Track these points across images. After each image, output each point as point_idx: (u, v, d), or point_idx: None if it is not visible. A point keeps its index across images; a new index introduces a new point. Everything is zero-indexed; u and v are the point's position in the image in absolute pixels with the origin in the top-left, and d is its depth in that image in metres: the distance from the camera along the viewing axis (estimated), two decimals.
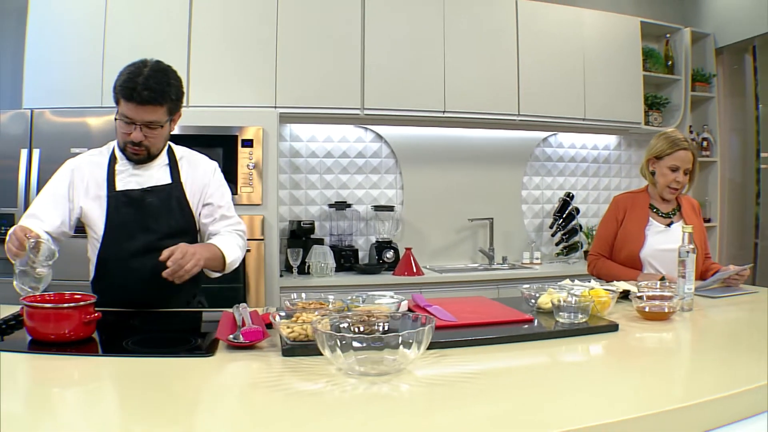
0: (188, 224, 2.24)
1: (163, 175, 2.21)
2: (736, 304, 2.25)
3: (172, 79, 2.07)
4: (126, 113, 2.02)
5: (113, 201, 2.13)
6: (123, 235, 2.13)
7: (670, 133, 2.81)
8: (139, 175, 2.18)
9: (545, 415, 1.10)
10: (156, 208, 2.16)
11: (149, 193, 2.16)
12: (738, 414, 1.21)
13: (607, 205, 5.18)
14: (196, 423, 1.08)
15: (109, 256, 2.14)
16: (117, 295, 2.08)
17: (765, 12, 4.71)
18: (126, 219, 2.13)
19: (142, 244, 2.13)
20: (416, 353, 1.25)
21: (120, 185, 2.15)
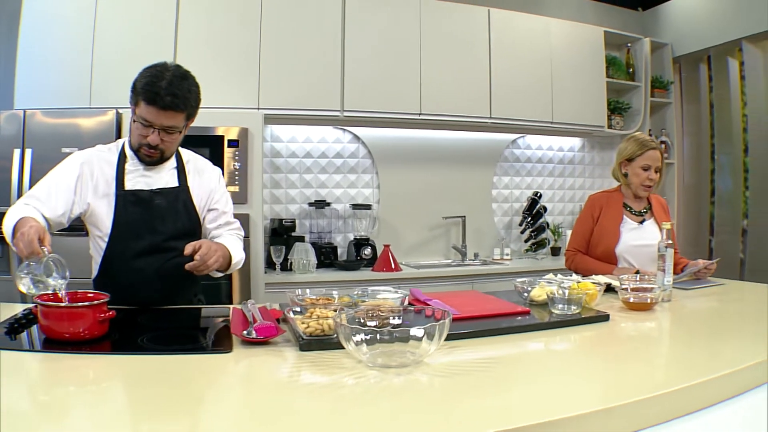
0: (194, 227, 2.22)
1: (171, 178, 2.19)
2: (707, 295, 2.35)
3: (192, 86, 2.03)
4: (145, 116, 1.98)
5: (122, 200, 2.09)
6: (130, 234, 2.09)
7: (638, 136, 2.90)
8: (148, 176, 2.14)
9: (566, 399, 1.14)
10: (163, 210, 2.13)
11: (158, 194, 2.13)
12: (730, 391, 1.29)
13: (571, 203, 5.38)
14: (227, 418, 1.06)
15: (115, 254, 2.09)
16: (121, 293, 2.00)
17: (719, 25, 4.87)
18: (134, 219, 2.09)
19: (148, 244, 2.10)
20: (435, 346, 1.28)
21: (129, 185, 2.11)
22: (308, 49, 4.07)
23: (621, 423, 1.09)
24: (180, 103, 1.97)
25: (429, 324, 1.25)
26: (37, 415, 1.05)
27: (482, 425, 0.98)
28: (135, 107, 2.01)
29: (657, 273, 2.17)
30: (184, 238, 2.11)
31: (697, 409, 1.21)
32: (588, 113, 4.96)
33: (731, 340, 1.67)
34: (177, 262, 2.10)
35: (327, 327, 1.47)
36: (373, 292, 1.89)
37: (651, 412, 1.13)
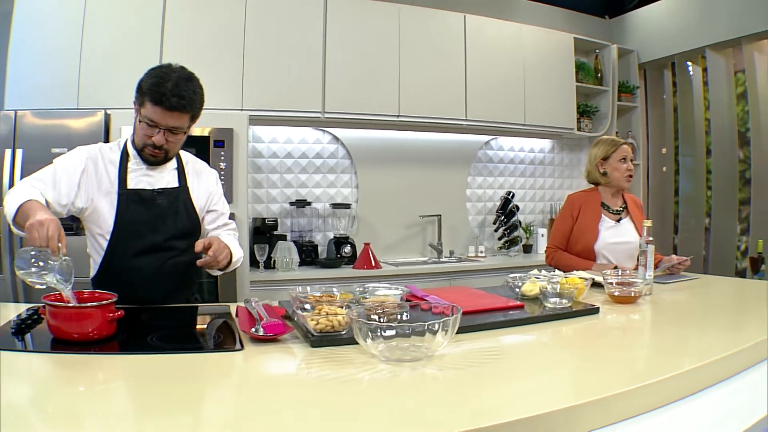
0: (194, 227, 2.20)
1: (172, 179, 2.17)
2: (684, 288, 2.43)
3: (197, 88, 2.02)
4: (151, 117, 1.96)
5: (124, 199, 2.05)
6: (132, 233, 2.06)
7: (606, 137, 3.03)
8: (150, 176, 2.12)
9: (580, 385, 1.20)
10: (165, 210, 2.12)
11: (160, 194, 2.11)
12: (725, 373, 1.37)
13: (542, 203, 5.47)
14: (251, 415, 1.04)
15: (116, 253, 2.06)
16: (121, 291, 1.91)
17: (683, 33, 5.01)
18: (136, 218, 2.06)
19: (150, 243, 2.08)
20: (446, 339, 1.30)
21: (132, 184, 2.08)
22: (291, 52, 4.07)
23: (640, 403, 1.15)
24: (186, 105, 1.96)
25: (443, 319, 1.27)
26: (48, 416, 1.01)
27: (502, 413, 1.00)
28: (140, 107, 1.99)
29: (639, 268, 2.23)
30: (185, 237, 2.13)
31: (700, 389, 1.28)
32: (559, 116, 5.06)
33: (715, 328, 1.77)
34: (177, 261, 2.12)
35: (337, 323, 1.48)
36: (372, 289, 1.90)
37: (663, 394, 1.19)
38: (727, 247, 4.81)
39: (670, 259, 2.69)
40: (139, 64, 3.58)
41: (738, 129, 4.79)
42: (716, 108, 4.87)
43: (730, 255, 4.80)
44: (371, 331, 1.28)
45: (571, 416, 1.05)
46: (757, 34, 4.40)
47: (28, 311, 1.75)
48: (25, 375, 1.23)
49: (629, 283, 2.07)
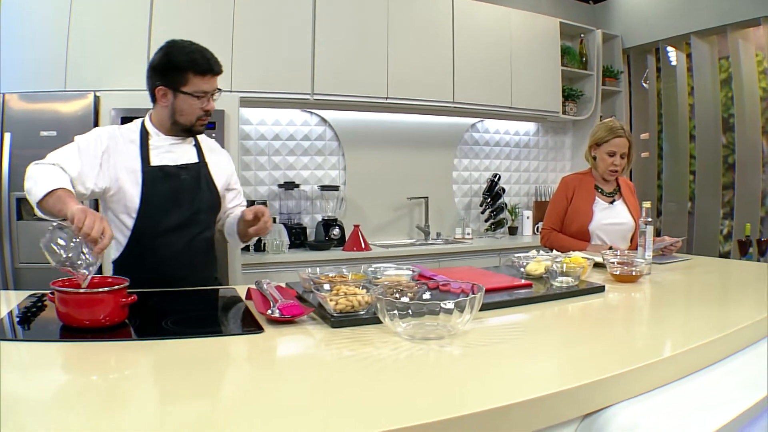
0: (215, 202, 2.22)
1: (192, 154, 2.18)
2: (679, 268, 2.47)
3: (214, 56, 2.08)
4: (201, 87, 2.00)
5: (149, 176, 2.04)
6: (158, 210, 2.05)
7: (608, 123, 2.98)
8: (173, 152, 2.11)
9: (603, 360, 1.21)
10: (189, 184, 2.12)
11: (183, 169, 2.11)
12: (732, 349, 1.41)
13: (527, 185, 5.51)
14: (288, 395, 1.03)
15: (144, 231, 2.04)
16: (146, 271, 1.99)
17: (667, 20, 5.07)
18: (162, 194, 2.05)
19: (177, 220, 2.08)
20: (469, 317, 1.31)
21: (155, 161, 2.07)
22: (280, 34, 4.02)
23: (663, 375, 1.19)
24: (219, 66, 2.06)
25: (470, 297, 1.27)
26: (69, 407, 0.96)
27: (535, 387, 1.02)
28: (182, 86, 1.99)
29: (638, 248, 2.27)
30: (208, 212, 2.18)
31: (718, 360, 1.34)
32: (544, 99, 5.10)
33: (720, 306, 1.84)
34: (203, 236, 2.16)
35: (357, 303, 1.48)
36: (382, 269, 1.90)
37: (685, 365, 1.24)
38: (710, 230, 4.91)
39: (662, 240, 2.73)
40: (128, 45, 3.59)
41: (722, 114, 4.87)
42: (700, 94, 4.95)
43: (713, 238, 4.89)
44: (398, 309, 1.28)
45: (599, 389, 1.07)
46: (743, 22, 4.47)
47: (31, 298, 1.71)
48: (36, 365, 1.18)
49: (630, 262, 2.10)
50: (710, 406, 1.08)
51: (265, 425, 0.88)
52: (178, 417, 0.91)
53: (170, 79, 2.00)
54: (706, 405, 1.09)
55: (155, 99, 2.07)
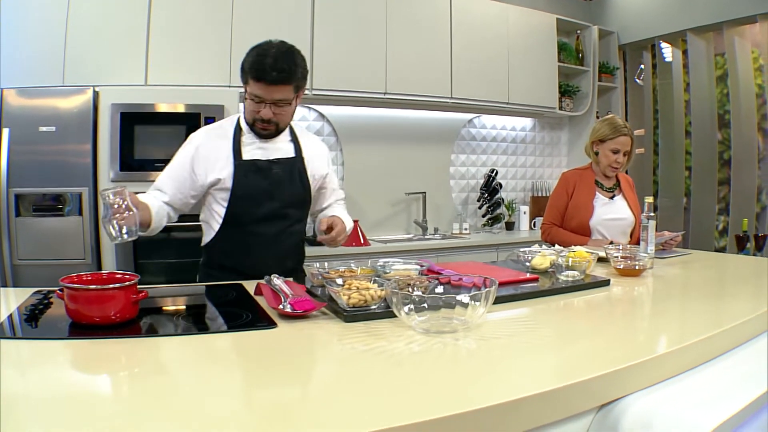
0: (307, 196, 2.30)
1: (287, 149, 2.26)
2: (680, 263, 2.50)
3: (298, 59, 2.07)
4: (256, 92, 2.04)
5: (241, 169, 2.14)
6: (249, 201, 2.16)
7: (612, 120, 3.01)
8: (264, 148, 2.20)
9: (618, 351, 1.23)
10: (281, 178, 2.20)
11: (275, 164, 2.19)
12: (740, 340, 1.44)
13: (523, 181, 5.54)
14: (316, 388, 1.05)
15: (234, 220, 2.17)
16: (233, 258, 2.17)
17: (663, 17, 5.10)
18: (253, 185, 2.15)
19: (267, 211, 2.18)
20: (484, 310, 1.32)
21: (246, 156, 2.17)
22: (278, 29, 3.99)
23: (678, 364, 1.22)
24: (286, 77, 2.02)
25: (485, 290, 1.29)
26: (88, 407, 0.94)
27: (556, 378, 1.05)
28: (246, 85, 2.08)
29: (640, 243, 2.30)
30: (299, 206, 2.27)
31: (727, 350, 1.38)
32: (541, 95, 5.12)
33: (723, 298, 1.89)
34: (293, 229, 2.25)
35: (369, 297, 1.49)
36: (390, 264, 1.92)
37: (697, 355, 1.28)
38: (705, 226, 4.95)
39: (662, 234, 2.76)
40: (126, 40, 3.59)
41: (717, 111, 4.91)
42: (696, 90, 4.98)
43: (708, 234, 4.94)
44: (415, 303, 1.29)
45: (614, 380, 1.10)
46: (739, 19, 4.50)
47: (36, 296, 1.69)
48: (42, 363, 1.16)
49: (633, 257, 2.12)
50: (722, 395, 1.11)
51: (301, 420, 0.89)
52: (211, 412, 0.91)
53: (241, 77, 2.10)
54: (717, 394, 1.12)
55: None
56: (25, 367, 1.12)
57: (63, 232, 3.23)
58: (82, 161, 3.25)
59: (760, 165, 4.58)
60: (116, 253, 3.32)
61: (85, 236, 3.25)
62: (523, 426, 0.98)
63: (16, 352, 1.19)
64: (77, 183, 3.24)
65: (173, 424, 0.86)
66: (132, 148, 3.36)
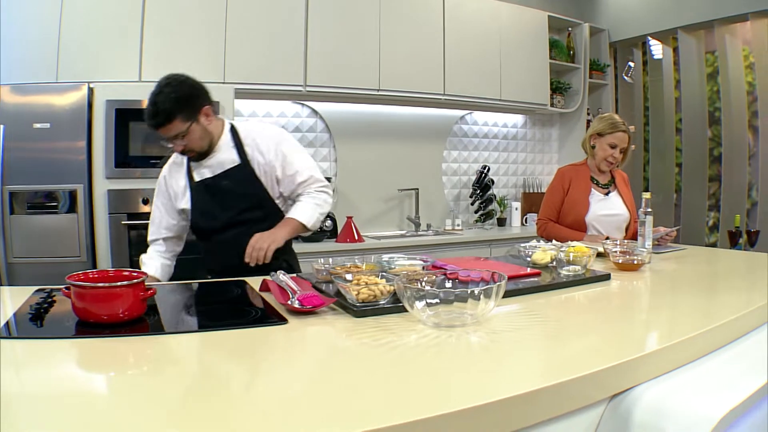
0: (262, 198, 2.35)
1: (231, 158, 2.32)
2: (676, 258, 2.55)
3: (170, 93, 2.13)
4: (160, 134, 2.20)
5: (194, 192, 2.34)
6: (206, 216, 2.34)
7: (611, 117, 3.07)
8: (209, 165, 2.32)
9: (628, 342, 1.27)
10: (231, 188, 2.31)
11: (223, 177, 2.31)
12: (745, 329, 1.49)
13: (515, 177, 5.58)
14: (335, 383, 1.04)
15: (200, 232, 2.41)
16: (219, 261, 2.37)
17: (654, 15, 5.16)
18: (207, 203, 2.32)
19: (225, 221, 2.32)
20: (494, 304, 1.35)
21: (197, 177, 2.33)
22: (272, 26, 4.03)
23: (685, 354, 1.26)
24: (163, 120, 2.13)
25: (496, 284, 1.32)
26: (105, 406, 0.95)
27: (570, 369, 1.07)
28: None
29: (638, 238, 2.34)
30: (255, 209, 2.34)
31: (733, 340, 1.42)
32: (533, 92, 5.17)
33: (724, 291, 1.94)
34: (257, 229, 2.28)
35: (378, 293, 1.51)
36: (392, 260, 1.94)
37: (704, 344, 1.32)
38: (696, 222, 5.03)
39: (657, 230, 2.81)
40: (121, 36, 3.58)
41: (708, 108, 4.97)
42: (686, 87, 5.05)
43: (699, 230, 5.02)
44: (427, 297, 1.32)
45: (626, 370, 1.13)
46: (730, 17, 4.57)
47: (39, 294, 1.67)
48: (57, 363, 1.15)
49: (632, 252, 2.16)
50: (730, 383, 1.15)
51: (328, 416, 0.90)
52: (231, 410, 0.91)
53: None
54: (725, 382, 1.16)
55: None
56: (34, 367, 1.12)
57: (58, 229, 3.22)
58: (76, 158, 3.24)
59: (751, 162, 4.66)
60: (111, 251, 3.31)
61: (80, 234, 3.24)
62: (538, 417, 1.01)
63: (23, 353, 1.18)
64: (72, 180, 3.23)
65: (190, 422, 0.87)
66: (127, 145, 3.35)
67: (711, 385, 1.14)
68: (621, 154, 3.01)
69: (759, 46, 4.53)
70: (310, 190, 2.38)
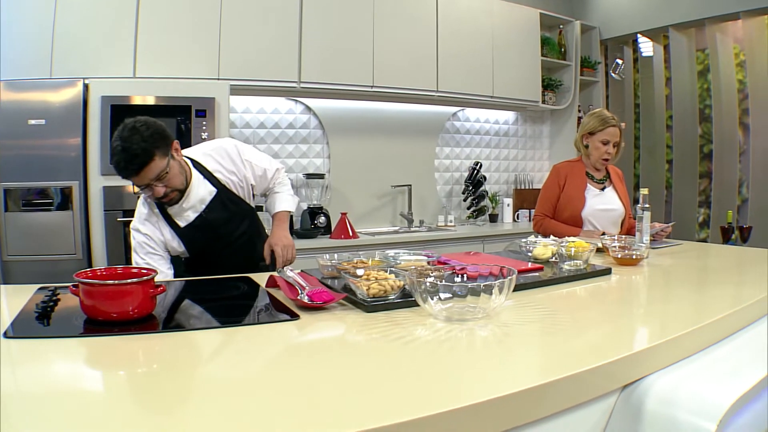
0: (246, 211, 2.43)
1: (206, 189, 2.28)
2: (673, 253, 2.59)
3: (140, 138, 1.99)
4: (136, 184, 2.06)
5: (184, 237, 2.27)
6: (204, 249, 2.34)
7: (600, 113, 3.10)
8: (191, 206, 2.25)
9: (634, 333, 1.32)
10: (221, 217, 2.31)
11: (208, 211, 2.28)
12: (747, 320, 1.54)
13: (506, 173, 5.62)
14: (356, 376, 1.06)
15: (196, 262, 2.37)
16: (208, 270, 2.24)
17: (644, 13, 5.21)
18: (202, 240, 2.30)
19: (222, 243, 2.36)
20: (505, 298, 1.38)
21: (181, 222, 2.26)
22: (267, 22, 4.04)
23: (694, 344, 1.30)
24: (141, 160, 1.98)
25: (508, 278, 1.35)
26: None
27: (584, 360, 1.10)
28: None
29: (636, 233, 2.38)
30: (243, 222, 2.41)
31: (737, 330, 1.47)
32: (525, 89, 5.22)
33: (723, 284, 1.99)
34: (245, 238, 2.42)
35: (389, 287, 1.53)
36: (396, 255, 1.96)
37: (711, 335, 1.37)
38: (686, 218, 5.09)
39: (653, 226, 2.85)
40: (115, 32, 3.57)
41: (698, 105, 5.04)
42: (677, 85, 5.11)
43: (690, 226, 5.09)
44: (440, 292, 1.34)
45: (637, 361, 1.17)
46: (722, 16, 4.63)
47: (44, 292, 1.66)
48: (67, 362, 1.15)
49: (630, 247, 2.21)
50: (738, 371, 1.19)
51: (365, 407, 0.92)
52: (250, 407, 0.92)
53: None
54: (734, 370, 1.20)
55: None
56: (43, 366, 1.11)
57: (53, 226, 3.21)
58: (72, 155, 3.23)
59: (741, 158, 4.73)
60: (107, 249, 3.31)
61: (75, 231, 3.23)
62: (552, 408, 1.04)
63: (31, 352, 1.17)
64: (67, 177, 3.22)
65: (203, 420, 0.87)
66: None
67: (719, 374, 1.18)
68: (614, 149, 3.05)
69: (750, 44, 4.59)
70: (278, 179, 2.52)
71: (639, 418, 1.12)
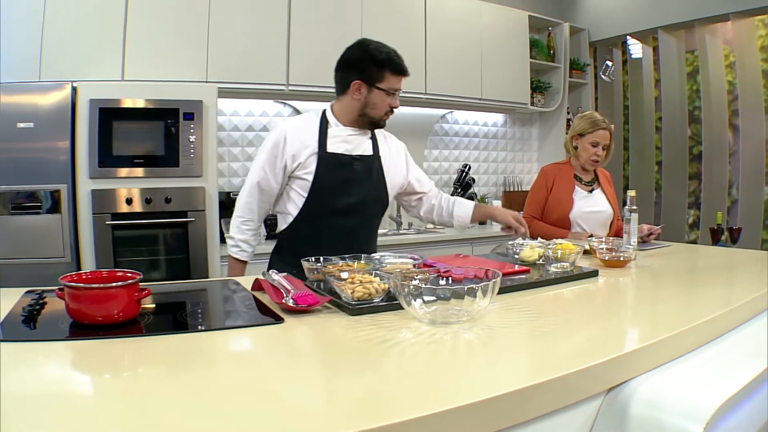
0: (382, 193, 2.38)
1: (367, 146, 2.35)
2: (661, 254, 2.60)
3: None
4: (394, 86, 2.25)
5: (323, 161, 2.21)
6: (328, 194, 2.23)
7: (590, 115, 3.11)
8: (349, 142, 2.28)
9: (624, 335, 1.33)
10: (360, 174, 2.27)
11: (357, 160, 2.28)
12: (735, 322, 1.54)
13: (495, 176, 5.63)
14: (347, 379, 1.06)
15: (312, 211, 2.24)
16: (305, 249, 2.10)
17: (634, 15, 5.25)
18: (333, 178, 2.22)
19: (345, 205, 2.25)
20: (489, 300, 1.37)
21: (331, 148, 2.24)
22: (255, 25, 4.03)
23: (680, 347, 1.31)
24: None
25: (492, 280, 1.35)
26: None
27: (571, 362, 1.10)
28: (378, 82, 2.24)
29: (623, 235, 2.38)
30: (376, 202, 2.35)
31: (724, 332, 1.48)
32: (513, 91, 5.22)
33: (712, 285, 1.99)
34: (366, 225, 2.35)
35: (373, 290, 1.52)
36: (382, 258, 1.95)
37: (698, 337, 1.37)
38: (676, 220, 5.12)
39: (641, 228, 2.86)
40: (103, 35, 3.55)
41: (687, 107, 5.06)
42: (666, 86, 5.13)
43: (680, 227, 5.11)
44: (424, 294, 1.34)
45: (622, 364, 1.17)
46: (711, 17, 4.65)
47: (31, 295, 1.63)
48: (52, 365, 1.14)
49: (617, 249, 2.21)
50: (724, 374, 1.19)
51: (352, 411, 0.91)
52: (234, 412, 0.91)
53: (368, 75, 2.24)
54: (720, 373, 1.20)
55: (345, 91, 2.29)
56: (29, 369, 1.10)
57: (41, 230, 3.18)
58: (60, 158, 3.20)
59: (731, 160, 4.76)
60: (96, 252, 3.28)
61: (64, 234, 3.21)
62: (537, 411, 1.04)
63: (18, 355, 1.16)
64: (55, 180, 3.19)
65: (188, 423, 0.87)
66: (110, 145, 3.32)
67: (706, 376, 1.18)
68: (604, 152, 3.06)
69: (740, 46, 4.62)
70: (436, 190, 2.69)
71: (624, 421, 1.11)
